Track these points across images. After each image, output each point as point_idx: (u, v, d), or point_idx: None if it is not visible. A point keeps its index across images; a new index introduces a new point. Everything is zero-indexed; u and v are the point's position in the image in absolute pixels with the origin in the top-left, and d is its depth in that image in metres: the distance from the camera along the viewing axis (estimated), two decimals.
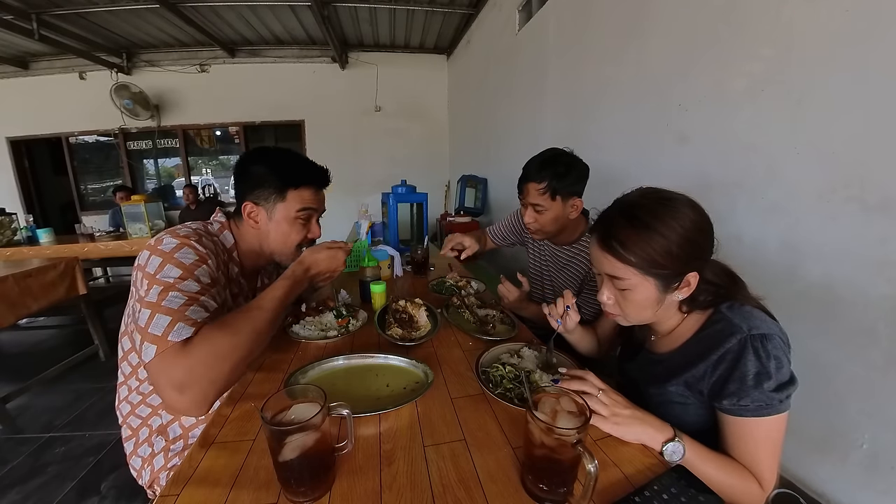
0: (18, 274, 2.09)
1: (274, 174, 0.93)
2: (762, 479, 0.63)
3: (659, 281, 0.66)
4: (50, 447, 1.84)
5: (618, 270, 0.67)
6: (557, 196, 1.19)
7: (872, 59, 1.05)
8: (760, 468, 0.63)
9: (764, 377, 0.61)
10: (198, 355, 0.66)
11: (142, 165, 5.64)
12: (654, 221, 0.64)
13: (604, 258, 0.69)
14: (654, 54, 1.82)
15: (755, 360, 0.61)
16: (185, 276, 0.73)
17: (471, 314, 1.19)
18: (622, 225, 0.67)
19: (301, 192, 0.95)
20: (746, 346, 0.62)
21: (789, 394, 0.62)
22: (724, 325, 0.66)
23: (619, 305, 0.72)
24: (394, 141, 5.67)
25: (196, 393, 0.65)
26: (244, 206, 0.94)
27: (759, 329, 0.63)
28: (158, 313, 0.68)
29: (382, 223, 2.53)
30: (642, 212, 0.66)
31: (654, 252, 0.64)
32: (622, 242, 0.66)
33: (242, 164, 0.96)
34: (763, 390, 0.61)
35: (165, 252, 0.75)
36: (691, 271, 0.66)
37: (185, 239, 0.78)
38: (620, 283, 0.68)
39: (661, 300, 0.68)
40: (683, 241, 0.64)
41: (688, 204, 0.66)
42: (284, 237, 0.97)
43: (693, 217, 0.65)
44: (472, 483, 0.57)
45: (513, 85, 3.51)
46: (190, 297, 0.71)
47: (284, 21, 4.46)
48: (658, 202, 0.66)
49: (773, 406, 0.61)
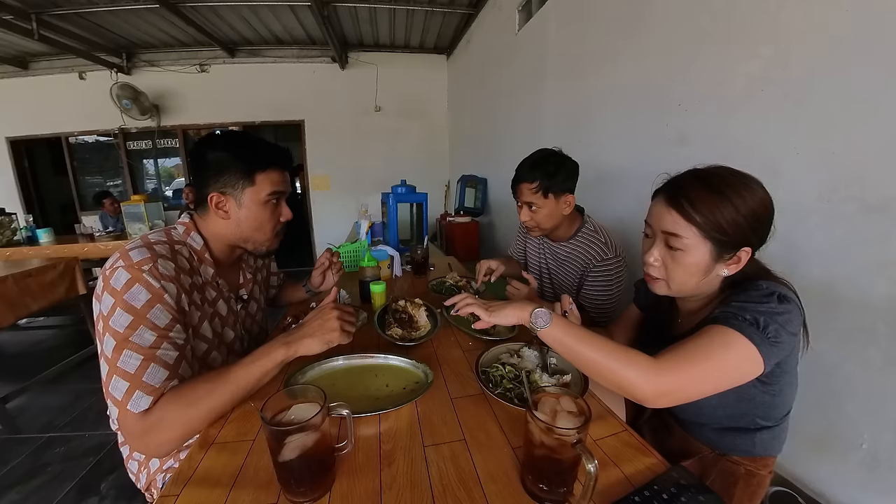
0: (18, 274, 2.09)
1: (239, 159, 0.86)
2: (661, 371, 0.60)
3: (715, 247, 0.67)
4: (49, 447, 1.84)
5: (679, 228, 0.68)
6: (550, 194, 1.23)
7: (872, 59, 1.05)
8: (668, 364, 0.61)
9: (763, 302, 0.62)
10: (156, 425, 0.68)
11: (142, 165, 5.63)
12: (727, 189, 0.66)
13: (667, 213, 0.69)
14: (654, 54, 1.82)
15: (766, 292, 0.64)
16: (137, 324, 0.69)
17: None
18: (695, 185, 0.68)
19: (269, 174, 0.89)
20: (771, 291, 0.64)
21: (770, 336, 0.60)
22: (754, 284, 0.68)
23: (666, 268, 0.72)
24: (394, 141, 5.67)
25: (157, 450, 0.73)
26: (210, 197, 0.87)
27: (784, 293, 0.65)
28: (116, 375, 0.68)
29: (382, 223, 2.53)
30: (717, 178, 0.68)
31: (721, 217, 0.65)
32: (692, 201, 0.67)
33: (200, 153, 0.88)
34: (747, 310, 0.62)
35: (116, 291, 0.70)
36: (747, 246, 0.67)
37: (138, 271, 0.71)
38: (676, 242, 0.69)
39: (709, 269, 0.69)
40: (750, 213, 0.65)
41: (759, 183, 0.69)
42: (259, 223, 0.91)
43: (763, 195, 0.68)
44: (472, 483, 0.57)
45: (513, 85, 3.51)
46: (146, 355, 0.69)
47: (284, 21, 4.46)
48: (732, 174, 0.69)
49: (743, 328, 0.60)
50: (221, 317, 0.94)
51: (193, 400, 0.70)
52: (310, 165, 5.57)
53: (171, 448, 0.73)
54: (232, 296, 0.99)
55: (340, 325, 0.81)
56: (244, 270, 1.06)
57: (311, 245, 5.91)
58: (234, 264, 1.03)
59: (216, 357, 0.91)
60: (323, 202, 5.73)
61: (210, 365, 0.89)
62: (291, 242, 1.15)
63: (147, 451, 0.76)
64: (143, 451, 0.78)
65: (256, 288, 1.13)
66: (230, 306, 0.98)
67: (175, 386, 0.72)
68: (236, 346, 1.00)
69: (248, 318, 1.07)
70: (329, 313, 0.82)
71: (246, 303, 1.06)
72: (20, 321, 2.14)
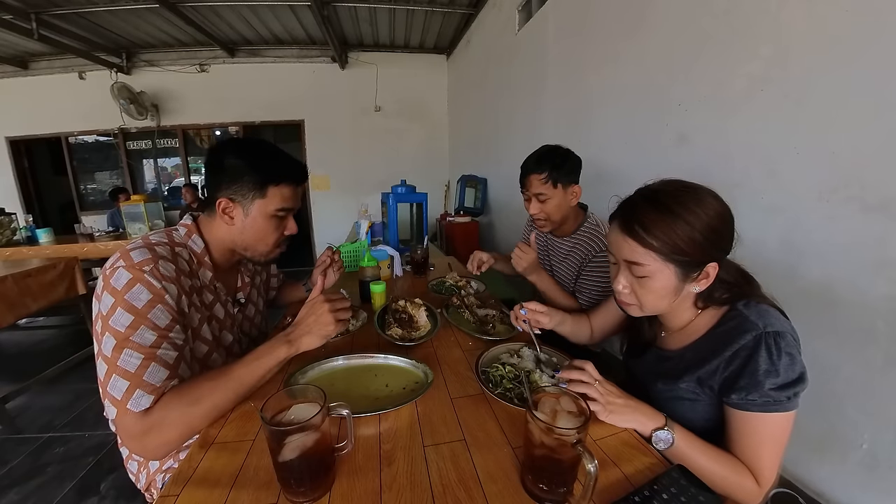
0: (18, 274, 2.09)
1: (253, 169, 0.85)
2: (760, 476, 0.63)
3: (679, 268, 0.65)
4: (49, 447, 1.84)
5: (638, 255, 0.66)
6: (558, 184, 1.26)
7: (872, 59, 1.05)
8: (760, 465, 0.63)
9: (773, 374, 0.61)
10: (157, 425, 0.67)
11: (141, 165, 5.63)
12: (677, 207, 0.64)
13: (624, 243, 0.67)
14: (654, 54, 1.82)
15: (767, 357, 0.61)
16: (138, 324, 0.69)
17: (470, 314, 1.19)
18: (645, 209, 0.66)
19: (281, 188, 0.88)
20: (760, 342, 0.62)
21: (797, 391, 0.61)
22: (739, 321, 0.66)
23: (636, 294, 0.71)
24: (393, 141, 5.66)
25: (155, 452, 0.71)
26: (219, 202, 0.86)
27: (773, 326, 0.63)
28: (115, 374, 0.67)
29: (382, 223, 2.53)
30: (666, 197, 0.65)
31: (677, 237, 0.63)
32: (645, 226, 0.64)
33: (216, 157, 0.87)
34: (771, 387, 0.61)
35: (117, 291, 0.70)
36: (712, 261, 0.66)
37: (139, 272, 0.71)
38: (639, 270, 0.67)
39: (679, 289, 0.68)
40: (706, 228, 0.63)
41: (710, 193, 0.66)
42: (262, 235, 0.91)
43: (716, 206, 0.65)
44: (471, 483, 0.57)
45: (513, 84, 3.51)
46: (147, 354, 0.69)
47: (284, 21, 4.46)
48: (682, 189, 0.66)
49: (781, 403, 0.61)
50: (219, 320, 0.94)
51: (196, 398, 0.70)
52: (310, 165, 5.50)
53: (170, 449, 0.72)
54: (229, 299, 0.99)
55: (334, 317, 0.80)
56: (242, 274, 1.06)
57: (310, 245, 5.91)
58: (233, 268, 1.03)
59: (217, 359, 0.91)
60: (323, 202, 5.73)
61: (210, 367, 0.88)
62: (291, 243, 1.15)
63: (145, 452, 0.73)
64: (140, 452, 0.74)
65: (255, 292, 1.13)
66: (227, 310, 0.97)
67: (175, 385, 0.72)
68: (234, 350, 1.00)
69: (245, 322, 1.07)
70: (321, 307, 0.81)
71: (243, 306, 1.05)
72: (20, 321, 2.14)
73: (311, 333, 0.79)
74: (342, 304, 0.84)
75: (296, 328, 0.81)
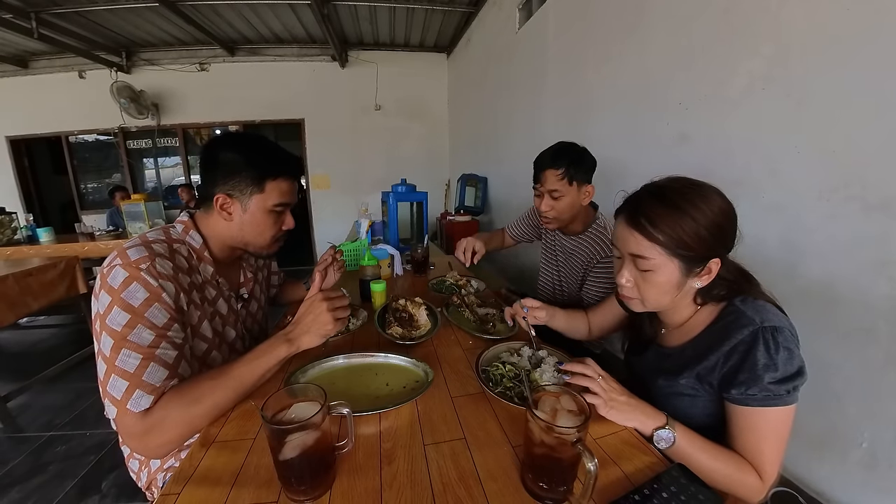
0: (18, 273, 2.09)
1: (250, 164, 0.85)
2: (762, 471, 0.63)
3: (683, 263, 0.66)
4: (50, 446, 1.84)
5: (643, 249, 0.67)
6: (574, 181, 1.24)
7: (872, 59, 1.05)
8: (762, 460, 0.63)
9: (771, 368, 0.61)
10: (157, 424, 0.68)
11: (141, 164, 5.63)
12: (684, 203, 0.65)
13: (630, 236, 0.69)
14: (654, 52, 1.81)
15: (765, 352, 0.62)
16: (135, 323, 0.69)
17: (471, 313, 1.19)
18: (652, 204, 0.67)
19: (279, 183, 0.88)
20: (758, 337, 0.63)
21: (796, 385, 0.62)
22: (736, 317, 0.67)
23: (639, 288, 0.72)
24: (394, 139, 5.66)
25: (156, 451, 0.72)
26: (216, 197, 0.85)
27: (770, 321, 0.64)
28: (114, 374, 0.67)
29: (382, 222, 2.52)
30: (673, 193, 0.67)
31: (683, 232, 0.64)
32: (651, 220, 0.66)
33: (212, 152, 0.86)
34: (770, 381, 0.61)
35: (113, 289, 0.69)
36: (714, 257, 0.66)
37: (136, 270, 0.71)
38: (644, 264, 0.68)
39: (681, 284, 0.69)
40: (711, 224, 0.64)
41: (716, 191, 0.68)
42: (261, 229, 0.90)
43: (721, 203, 0.66)
44: (472, 481, 0.57)
45: (513, 83, 3.50)
46: (146, 354, 0.69)
47: (284, 19, 4.45)
48: (688, 186, 0.68)
49: (781, 397, 0.61)
50: (222, 315, 0.94)
51: (196, 397, 0.70)
52: (310, 164, 5.57)
53: (171, 449, 0.72)
54: (232, 294, 0.99)
55: (332, 315, 0.80)
56: (244, 269, 1.06)
57: (311, 244, 5.91)
58: (235, 263, 1.03)
59: (216, 357, 0.91)
60: (323, 201, 5.72)
61: (210, 365, 0.88)
62: (291, 242, 1.15)
63: (146, 451, 0.73)
64: (141, 451, 0.75)
65: (257, 287, 1.13)
66: (230, 305, 0.98)
67: (175, 385, 0.72)
68: (237, 346, 1.00)
69: (248, 318, 1.07)
70: (319, 306, 0.80)
71: (247, 302, 1.05)
72: (21, 320, 2.14)
73: (310, 332, 0.80)
74: (340, 302, 0.83)
75: (295, 327, 0.81)
